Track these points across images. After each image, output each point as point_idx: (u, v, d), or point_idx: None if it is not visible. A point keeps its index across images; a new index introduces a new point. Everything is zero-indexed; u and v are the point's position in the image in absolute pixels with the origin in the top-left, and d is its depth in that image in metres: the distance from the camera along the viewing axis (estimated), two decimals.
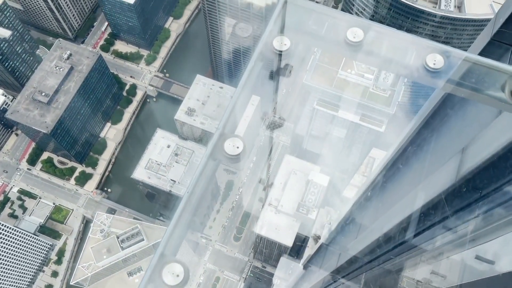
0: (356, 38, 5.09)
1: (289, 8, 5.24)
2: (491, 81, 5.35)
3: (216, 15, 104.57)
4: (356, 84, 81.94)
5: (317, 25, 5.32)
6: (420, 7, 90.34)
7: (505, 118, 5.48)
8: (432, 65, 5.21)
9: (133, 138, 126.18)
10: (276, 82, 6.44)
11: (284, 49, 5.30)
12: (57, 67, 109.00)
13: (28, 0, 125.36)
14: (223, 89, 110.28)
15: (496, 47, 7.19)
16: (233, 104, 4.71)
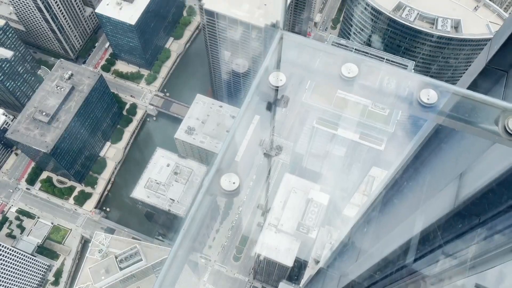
0: (351, 74, 5.19)
1: (285, 44, 5.36)
2: (485, 115, 5.43)
3: (216, 35, 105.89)
4: (355, 102, 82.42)
5: (313, 60, 5.43)
6: (417, 27, 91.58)
7: (502, 145, 5.54)
8: (426, 100, 5.30)
9: (133, 157, 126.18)
10: (273, 113, 6.52)
11: (280, 84, 5.40)
12: (58, 87, 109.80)
13: (31, 22, 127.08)
14: (223, 108, 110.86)
15: (492, 73, 7.28)
16: (230, 138, 4.78)
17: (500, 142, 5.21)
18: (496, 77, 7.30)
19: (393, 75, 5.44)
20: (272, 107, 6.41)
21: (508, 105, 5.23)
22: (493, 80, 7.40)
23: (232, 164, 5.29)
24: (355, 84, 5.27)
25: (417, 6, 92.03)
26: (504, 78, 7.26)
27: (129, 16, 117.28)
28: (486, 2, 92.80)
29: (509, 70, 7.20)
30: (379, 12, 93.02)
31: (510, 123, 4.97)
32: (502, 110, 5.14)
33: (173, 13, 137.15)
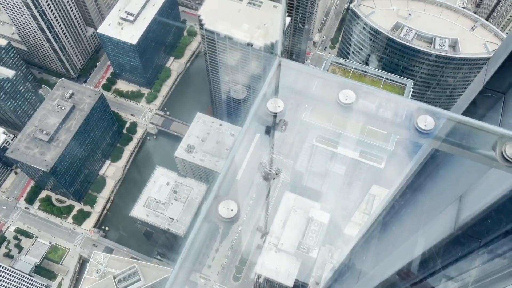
0: (348, 100, 5.24)
1: (283, 71, 5.42)
2: (482, 141, 5.46)
3: (216, 55, 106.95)
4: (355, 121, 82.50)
5: (310, 86, 5.49)
6: (415, 47, 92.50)
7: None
8: (423, 126, 5.34)
9: (132, 176, 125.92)
10: (272, 137, 6.55)
11: (278, 111, 5.45)
12: (59, 106, 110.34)
13: (33, 41, 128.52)
14: (223, 126, 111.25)
15: (489, 95, 7.33)
16: (228, 165, 4.79)
17: (498, 168, 5.23)
18: (494, 98, 7.34)
19: (390, 102, 5.49)
20: (271, 131, 6.45)
21: (505, 132, 5.26)
22: (490, 102, 7.44)
23: (231, 190, 5.29)
24: (352, 110, 5.32)
25: (415, 26, 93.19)
26: (502, 100, 7.30)
27: (130, 36, 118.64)
28: (483, 22, 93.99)
29: (507, 92, 7.25)
30: (377, 32, 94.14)
31: (507, 149, 4.99)
32: (499, 136, 5.16)
33: (174, 33, 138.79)
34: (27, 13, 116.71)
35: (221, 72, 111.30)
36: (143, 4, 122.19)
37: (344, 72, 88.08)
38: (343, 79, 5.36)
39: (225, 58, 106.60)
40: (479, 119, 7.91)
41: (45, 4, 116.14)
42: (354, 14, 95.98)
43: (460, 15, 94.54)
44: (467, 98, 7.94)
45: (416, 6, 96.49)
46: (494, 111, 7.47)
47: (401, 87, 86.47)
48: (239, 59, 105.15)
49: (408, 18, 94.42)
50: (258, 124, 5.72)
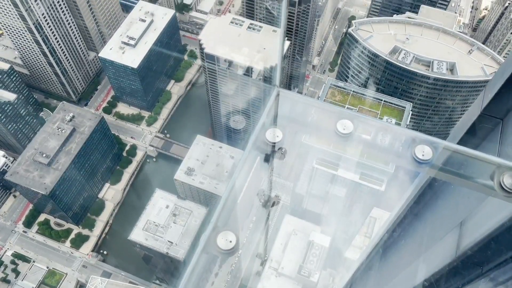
0: (346, 130, 5.29)
1: (281, 101, 5.49)
2: (480, 170, 5.47)
3: (216, 78, 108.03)
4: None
5: (308, 117, 5.55)
6: (413, 70, 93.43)
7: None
8: (421, 156, 5.37)
9: (131, 199, 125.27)
10: (271, 165, 6.57)
11: (277, 140, 5.49)
12: (59, 128, 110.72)
13: (35, 66, 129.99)
14: (222, 148, 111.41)
15: (487, 121, 7.35)
16: (227, 195, 4.79)
17: (496, 197, 5.23)
18: (492, 124, 7.36)
19: (388, 131, 5.54)
20: (270, 159, 6.48)
21: (503, 161, 5.28)
22: (488, 127, 7.46)
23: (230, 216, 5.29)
24: (350, 139, 5.36)
25: (413, 49, 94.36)
26: (500, 125, 7.33)
27: (131, 60, 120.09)
28: (479, 46, 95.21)
29: (504, 117, 7.29)
30: (376, 55, 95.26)
31: (505, 179, 5.00)
32: (497, 166, 5.19)
33: (174, 57, 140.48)
34: (30, 37, 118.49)
35: (221, 95, 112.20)
36: (144, 29, 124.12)
37: (343, 95, 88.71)
38: (340, 109, 5.43)
39: (225, 87, 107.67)
40: (477, 144, 7.94)
41: (48, 29, 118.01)
42: (353, 38, 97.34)
43: (457, 39, 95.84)
44: (465, 123, 7.98)
45: (413, 30, 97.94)
46: (492, 137, 7.50)
47: (400, 110, 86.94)
48: (239, 87, 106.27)
49: (406, 42, 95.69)
50: (257, 152, 5.75)
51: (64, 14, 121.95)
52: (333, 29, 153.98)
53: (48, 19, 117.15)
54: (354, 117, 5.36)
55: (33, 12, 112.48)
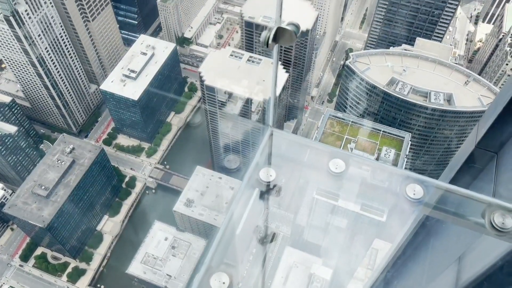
0: (338, 169, 5.38)
1: (275, 140, 5.61)
2: (471, 208, 5.53)
3: (216, 110, 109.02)
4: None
5: (301, 156, 5.65)
6: (411, 100, 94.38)
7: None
8: (412, 195, 5.43)
9: (130, 231, 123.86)
10: (266, 203, 6.63)
11: (270, 180, 5.58)
12: (59, 160, 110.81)
13: (36, 98, 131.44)
14: (222, 179, 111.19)
15: (481, 154, 7.43)
16: (221, 235, 4.83)
17: (488, 235, 5.26)
18: (487, 158, 7.44)
19: (380, 171, 5.62)
20: (265, 197, 6.53)
21: (493, 200, 5.34)
22: (483, 161, 7.53)
23: (226, 256, 5.29)
24: (343, 178, 5.44)
25: (410, 81, 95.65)
26: (495, 159, 7.40)
27: (132, 92, 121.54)
28: (475, 77, 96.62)
29: (499, 151, 7.37)
30: (373, 87, 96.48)
31: (496, 218, 5.05)
32: (488, 204, 5.24)
33: (175, 89, 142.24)
34: (32, 71, 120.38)
35: (220, 127, 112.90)
36: (145, 62, 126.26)
37: (342, 126, 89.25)
38: (333, 148, 5.54)
39: (224, 120, 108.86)
40: (473, 178, 8.00)
41: (50, 62, 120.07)
42: (350, 70, 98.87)
43: (453, 71, 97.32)
44: (460, 157, 8.06)
45: (410, 62, 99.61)
46: (488, 171, 7.57)
47: (399, 140, 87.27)
48: (239, 113, 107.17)
49: (403, 74, 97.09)
50: (252, 190, 5.82)
51: (67, 48, 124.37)
52: (331, 61, 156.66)
53: (51, 53, 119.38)
54: (346, 156, 5.46)
55: (37, 47, 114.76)
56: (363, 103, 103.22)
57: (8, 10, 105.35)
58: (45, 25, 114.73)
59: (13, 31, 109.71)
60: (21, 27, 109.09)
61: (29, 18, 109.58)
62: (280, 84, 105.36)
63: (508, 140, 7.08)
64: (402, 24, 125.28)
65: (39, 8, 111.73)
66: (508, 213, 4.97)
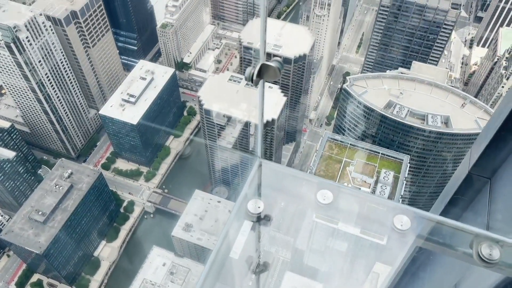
0: (326, 200, 5.40)
1: (264, 171, 5.64)
2: (459, 239, 5.52)
3: (215, 134, 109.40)
4: (353, 196, 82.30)
5: (290, 187, 5.68)
6: (409, 123, 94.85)
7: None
8: (400, 226, 5.44)
9: (128, 257, 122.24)
10: (257, 233, 6.61)
11: (258, 212, 5.58)
12: (57, 185, 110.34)
13: (36, 123, 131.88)
14: (221, 203, 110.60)
15: (475, 180, 7.44)
16: (207, 270, 4.80)
17: (477, 265, 5.25)
18: (480, 183, 7.45)
19: (368, 202, 5.64)
20: (256, 227, 6.52)
21: (480, 231, 5.34)
22: (477, 187, 7.54)
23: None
24: (330, 209, 5.45)
25: (407, 103, 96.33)
26: (488, 185, 7.41)
27: (131, 117, 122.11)
28: (472, 99, 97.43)
29: (492, 177, 7.39)
30: (371, 110, 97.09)
31: (483, 249, 5.05)
32: (475, 235, 5.25)
33: (174, 113, 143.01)
34: (32, 96, 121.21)
35: (219, 149, 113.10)
36: (145, 87, 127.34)
37: (340, 148, 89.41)
38: (321, 179, 5.58)
39: (224, 136, 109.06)
40: (467, 204, 8.00)
41: (50, 88, 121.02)
42: (348, 93, 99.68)
43: (449, 93, 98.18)
44: (454, 183, 8.08)
45: (406, 85, 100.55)
46: (482, 197, 7.57)
47: (398, 162, 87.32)
48: (238, 136, 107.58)
49: (400, 97, 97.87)
50: (242, 222, 5.82)
51: (67, 74, 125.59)
52: (328, 85, 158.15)
53: (51, 79, 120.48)
54: (334, 187, 5.49)
55: (37, 72, 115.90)
56: (361, 126, 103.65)
57: (9, 37, 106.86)
58: (45, 51, 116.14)
59: (13, 57, 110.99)
60: (22, 53, 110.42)
61: (30, 45, 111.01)
62: (278, 107, 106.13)
63: (501, 165, 7.12)
64: (398, 48, 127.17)
65: (40, 35, 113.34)
66: (496, 244, 4.97)
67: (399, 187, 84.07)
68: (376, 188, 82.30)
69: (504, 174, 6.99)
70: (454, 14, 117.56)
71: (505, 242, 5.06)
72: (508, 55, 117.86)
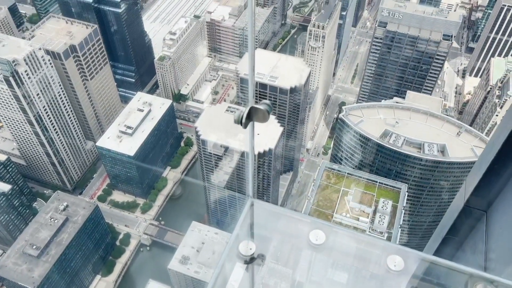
0: (318, 241, 5.33)
1: (256, 211, 5.59)
2: (454, 279, 5.44)
3: (212, 165, 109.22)
4: (352, 227, 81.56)
5: (282, 226, 5.62)
6: (405, 152, 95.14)
7: None
8: (393, 267, 5.36)
9: None
10: (251, 274, 6.48)
11: (249, 253, 5.50)
12: (52, 218, 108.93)
13: (32, 156, 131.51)
14: (218, 235, 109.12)
15: (471, 213, 7.37)
16: None
17: None
18: (476, 216, 7.38)
19: (361, 242, 5.58)
20: (249, 268, 6.40)
21: (475, 271, 5.27)
22: (473, 220, 7.47)
23: None
24: (323, 250, 5.38)
25: (403, 132, 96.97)
26: (484, 217, 7.34)
27: (128, 148, 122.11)
28: (467, 128, 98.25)
29: (488, 209, 7.33)
30: (367, 139, 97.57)
31: None
32: (469, 275, 5.17)
33: (171, 144, 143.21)
34: (29, 129, 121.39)
35: (216, 180, 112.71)
36: (142, 118, 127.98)
37: (338, 178, 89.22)
38: (313, 219, 5.53)
39: (221, 166, 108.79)
40: (464, 237, 7.91)
41: (47, 120, 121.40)
42: (344, 123, 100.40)
43: (445, 122, 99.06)
44: (449, 217, 8.02)
45: (402, 114, 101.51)
46: (478, 230, 7.50)
47: (396, 191, 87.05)
48: (235, 166, 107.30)
49: (396, 126, 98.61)
50: (234, 263, 5.72)
51: (65, 106, 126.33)
52: (324, 115, 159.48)
53: (49, 111, 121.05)
54: (327, 227, 5.43)
55: (35, 105, 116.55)
56: (358, 155, 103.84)
57: (8, 71, 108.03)
58: (44, 84, 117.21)
59: (12, 90, 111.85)
60: (20, 87, 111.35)
61: (28, 78, 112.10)
62: (275, 137, 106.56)
63: (496, 198, 7.08)
64: (392, 78, 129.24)
65: (39, 69, 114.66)
66: (490, 285, 4.89)
67: (397, 216, 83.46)
68: (374, 218, 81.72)
69: (500, 207, 6.96)
70: (446, 45, 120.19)
71: (500, 282, 4.99)
72: (501, 84, 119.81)
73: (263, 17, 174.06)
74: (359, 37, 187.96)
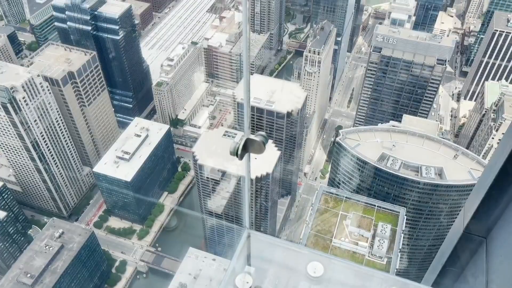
0: (316, 273, 5.23)
1: (253, 243, 5.50)
2: None
3: (209, 189, 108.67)
4: (351, 252, 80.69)
5: (280, 258, 5.52)
6: (403, 175, 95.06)
7: None
8: None
9: None
10: None
11: (247, 287, 5.38)
12: (47, 246, 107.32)
13: (28, 182, 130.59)
14: (216, 261, 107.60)
15: (470, 239, 7.28)
16: None
17: None
18: (476, 242, 7.29)
19: (358, 274, 5.48)
20: None
21: None
22: (473, 246, 7.37)
23: None
24: (321, 283, 5.26)
25: (400, 156, 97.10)
26: (484, 244, 7.25)
27: (125, 173, 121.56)
28: (463, 151, 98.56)
29: (487, 236, 7.24)
30: (364, 162, 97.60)
31: None
32: None
33: (168, 169, 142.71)
34: (26, 155, 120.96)
35: (214, 205, 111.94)
36: (139, 144, 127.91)
37: (336, 201, 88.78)
38: (311, 250, 5.43)
39: (218, 192, 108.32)
40: (464, 265, 7.79)
41: (44, 147, 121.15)
42: (341, 146, 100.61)
43: (441, 145, 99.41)
44: (449, 243, 7.92)
45: (398, 137, 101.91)
46: (478, 256, 7.40)
47: (394, 215, 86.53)
48: (233, 191, 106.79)
49: (393, 149, 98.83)
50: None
51: (62, 132, 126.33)
52: (321, 139, 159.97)
53: (46, 138, 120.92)
54: (325, 259, 5.33)
55: (32, 132, 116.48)
56: (355, 179, 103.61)
57: (6, 98, 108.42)
58: (41, 111, 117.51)
59: (9, 117, 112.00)
60: (18, 113, 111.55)
61: (26, 105, 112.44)
62: (272, 161, 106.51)
63: (496, 224, 7.02)
64: (388, 102, 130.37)
65: (36, 95, 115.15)
66: None
67: (397, 240, 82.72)
68: (374, 242, 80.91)
69: (500, 233, 6.88)
70: (440, 69, 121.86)
71: None
72: (495, 108, 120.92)
73: (259, 43, 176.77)
74: (354, 62, 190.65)
